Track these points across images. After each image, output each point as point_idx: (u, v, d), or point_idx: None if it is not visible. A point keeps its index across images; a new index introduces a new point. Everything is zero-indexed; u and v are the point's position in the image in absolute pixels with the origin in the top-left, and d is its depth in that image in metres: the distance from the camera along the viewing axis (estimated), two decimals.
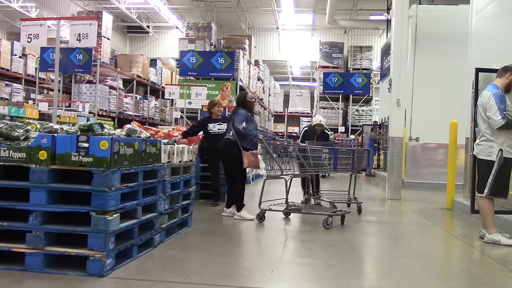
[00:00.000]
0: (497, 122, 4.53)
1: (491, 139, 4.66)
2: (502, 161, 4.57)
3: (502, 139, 4.58)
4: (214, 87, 14.08)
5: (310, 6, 22.31)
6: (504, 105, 4.55)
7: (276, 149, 5.63)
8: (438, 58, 10.80)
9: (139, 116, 16.68)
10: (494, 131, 4.61)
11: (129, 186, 3.38)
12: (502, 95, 4.60)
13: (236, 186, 5.57)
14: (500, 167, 4.58)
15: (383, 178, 11.65)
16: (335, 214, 5.37)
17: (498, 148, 4.59)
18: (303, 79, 32.85)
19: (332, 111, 20.37)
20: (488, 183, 4.63)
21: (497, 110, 4.52)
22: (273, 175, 5.41)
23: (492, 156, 4.63)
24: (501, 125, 4.52)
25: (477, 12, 7.14)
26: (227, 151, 5.54)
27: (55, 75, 6.67)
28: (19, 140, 3.24)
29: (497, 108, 4.52)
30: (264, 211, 5.39)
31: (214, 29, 16.62)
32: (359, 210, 6.40)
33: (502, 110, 4.52)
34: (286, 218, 5.71)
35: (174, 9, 22.99)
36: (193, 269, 3.33)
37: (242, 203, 5.59)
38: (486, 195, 4.66)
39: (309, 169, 5.67)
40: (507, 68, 4.79)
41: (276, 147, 5.62)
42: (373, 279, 3.44)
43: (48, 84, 15.73)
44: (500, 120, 4.51)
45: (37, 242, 3.07)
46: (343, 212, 5.58)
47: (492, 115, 4.57)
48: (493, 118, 4.56)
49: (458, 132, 7.53)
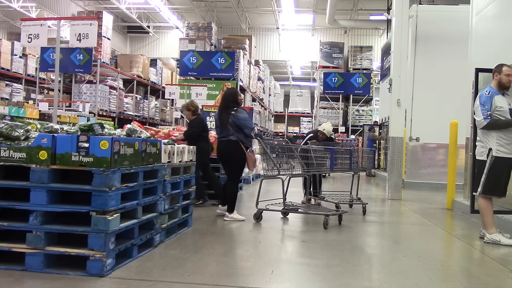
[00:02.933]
0: (479, 123, 4.68)
1: (482, 139, 4.77)
2: (494, 160, 4.60)
3: (493, 139, 4.63)
4: (214, 87, 14.07)
5: (310, 6, 22.31)
6: (488, 105, 4.61)
7: (274, 148, 5.62)
8: (438, 58, 10.81)
9: (139, 116, 16.68)
10: (485, 131, 4.70)
11: (129, 186, 3.38)
12: (488, 96, 4.65)
13: (229, 186, 5.55)
14: (491, 166, 4.62)
15: (383, 178, 11.65)
16: (331, 214, 5.36)
17: (488, 148, 4.65)
18: (303, 79, 32.86)
19: (332, 111, 20.38)
20: (481, 182, 4.70)
21: (480, 111, 4.63)
22: (270, 175, 5.40)
23: (483, 155, 4.72)
24: (484, 126, 4.62)
25: (477, 12, 7.14)
26: (230, 152, 5.47)
27: (55, 75, 6.67)
28: (19, 140, 3.24)
29: (480, 109, 4.64)
30: (261, 211, 5.39)
31: (214, 29, 16.62)
32: (364, 211, 6.36)
33: (486, 110, 4.60)
34: (285, 218, 5.71)
35: (174, 9, 22.99)
36: (193, 269, 3.34)
37: (234, 205, 5.50)
38: (479, 194, 4.73)
39: (307, 168, 5.67)
40: (496, 67, 4.85)
41: (273, 147, 5.61)
42: (373, 279, 3.44)
43: (48, 84, 15.74)
44: (481, 121, 4.63)
45: (38, 242, 3.07)
46: (340, 212, 5.58)
47: (476, 116, 4.73)
48: (477, 119, 4.71)
49: (458, 132, 7.53)
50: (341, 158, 6.25)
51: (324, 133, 7.25)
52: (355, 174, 6.87)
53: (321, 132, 7.28)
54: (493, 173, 4.62)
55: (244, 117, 5.43)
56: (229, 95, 5.63)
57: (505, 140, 4.59)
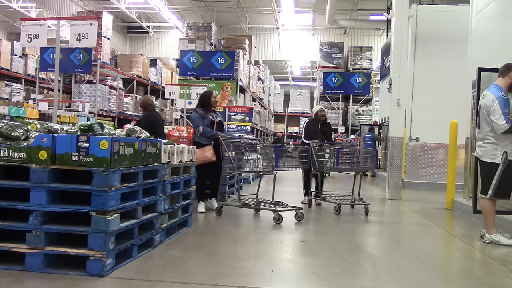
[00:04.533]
0: (502, 127, 4.46)
1: (495, 142, 4.59)
2: (508, 164, 4.53)
3: (507, 142, 4.54)
4: (214, 87, 14.06)
5: (310, 6, 22.30)
6: (508, 108, 4.47)
7: (239, 146, 6.00)
8: (438, 58, 10.81)
9: (139, 116, 16.64)
10: (498, 134, 4.55)
11: (129, 186, 3.37)
12: (506, 98, 4.51)
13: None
14: (505, 169, 4.54)
15: (383, 178, 11.65)
16: (280, 210, 5.42)
17: (503, 151, 4.54)
18: (303, 79, 32.86)
19: (332, 111, 20.34)
20: (492, 185, 4.59)
21: (501, 114, 4.44)
22: (230, 172, 5.77)
23: (497, 158, 4.58)
24: (507, 130, 4.45)
25: (477, 12, 7.14)
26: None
27: (55, 75, 6.67)
28: (19, 140, 3.24)
29: (501, 112, 4.44)
30: (221, 205, 5.73)
31: (214, 29, 16.61)
32: (366, 212, 6.33)
33: (506, 114, 4.44)
34: (285, 218, 5.69)
35: (174, 9, 22.99)
36: (193, 269, 3.34)
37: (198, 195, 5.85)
38: (490, 197, 4.63)
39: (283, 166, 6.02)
40: (510, 66, 4.69)
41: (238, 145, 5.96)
42: (373, 279, 3.44)
43: (48, 84, 15.73)
44: (504, 125, 4.43)
45: (37, 242, 3.06)
46: (295, 208, 5.58)
47: (496, 119, 4.49)
48: (497, 122, 4.49)
49: (458, 132, 7.53)
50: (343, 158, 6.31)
51: (324, 109, 7.54)
52: (357, 175, 6.86)
53: (321, 109, 7.46)
54: (506, 176, 4.54)
55: (193, 117, 6.06)
56: (199, 97, 6.31)
57: None
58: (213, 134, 5.87)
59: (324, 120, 7.34)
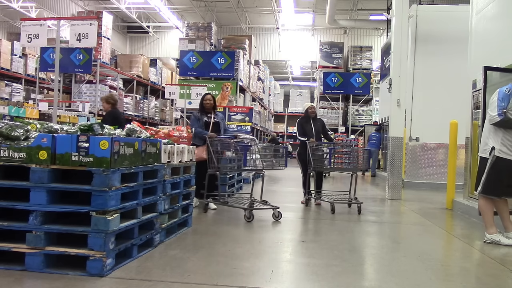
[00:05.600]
0: (492, 118, 4.46)
1: (488, 136, 4.61)
2: (495, 160, 4.50)
3: (498, 138, 4.51)
4: (214, 87, 14.08)
5: (310, 6, 22.31)
6: (506, 103, 4.42)
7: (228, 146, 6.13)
8: (438, 58, 10.81)
9: (139, 116, 16.68)
10: (492, 129, 4.54)
11: (129, 186, 3.37)
12: (507, 93, 4.44)
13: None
14: (492, 165, 4.52)
15: (383, 178, 11.65)
16: (252, 208, 5.49)
17: (491, 146, 4.54)
18: (303, 79, 32.86)
19: (332, 111, 20.36)
20: (482, 181, 4.61)
21: (496, 106, 4.43)
22: (213, 171, 5.84)
23: (486, 153, 4.60)
24: (496, 122, 4.44)
25: (477, 12, 7.14)
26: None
27: (55, 75, 6.68)
28: (19, 140, 3.24)
29: (496, 104, 4.43)
30: (207, 203, 5.96)
31: (214, 29, 16.62)
32: (359, 211, 6.39)
33: (502, 107, 4.41)
34: (285, 218, 5.70)
35: (174, 9, 22.99)
36: (193, 269, 3.34)
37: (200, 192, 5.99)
38: (479, 193, 4.65)
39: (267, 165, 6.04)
40: None
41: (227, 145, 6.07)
42: (373, 279, 3.44)
43: (48, 84, 15.74)
44: (495, 116, 4.42)
45: (37, 242, 3.06)
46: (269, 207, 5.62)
47: (490, 110, 4.50)
48: (490, 113, 4.49)
49: (458, 132, 7.53)
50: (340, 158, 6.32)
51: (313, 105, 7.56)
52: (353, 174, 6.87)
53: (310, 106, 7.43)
54: (494, 173, 4.53)
55: (191, 119, 6.57)
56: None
57: (510, 142, 4.47)
58: (202, 135, 6.17)
59: (314, 117, 7.32)
